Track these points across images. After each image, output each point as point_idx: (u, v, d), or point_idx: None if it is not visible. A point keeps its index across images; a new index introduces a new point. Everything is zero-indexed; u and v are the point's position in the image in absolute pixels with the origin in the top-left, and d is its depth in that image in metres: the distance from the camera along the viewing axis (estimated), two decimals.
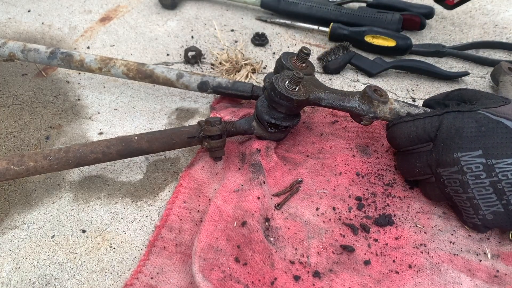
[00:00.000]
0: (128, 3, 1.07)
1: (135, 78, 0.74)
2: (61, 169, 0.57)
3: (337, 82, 0.84)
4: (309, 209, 0.60)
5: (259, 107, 0.63)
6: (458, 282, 0.51)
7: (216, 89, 0.73)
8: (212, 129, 0.61)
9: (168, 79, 0.73)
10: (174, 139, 0.61)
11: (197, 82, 0.73)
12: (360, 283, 0.52)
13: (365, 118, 0.61)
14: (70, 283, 0.53)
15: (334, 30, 0.91)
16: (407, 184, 0.63)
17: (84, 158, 0.58)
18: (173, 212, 0.59)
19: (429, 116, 0.55)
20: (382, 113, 0.60)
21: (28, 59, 0.77)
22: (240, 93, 0.72)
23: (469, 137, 0.51)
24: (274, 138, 0.67)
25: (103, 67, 0.75)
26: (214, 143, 0.62)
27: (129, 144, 0.60)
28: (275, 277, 0.51)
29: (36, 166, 0.56)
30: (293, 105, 0.58)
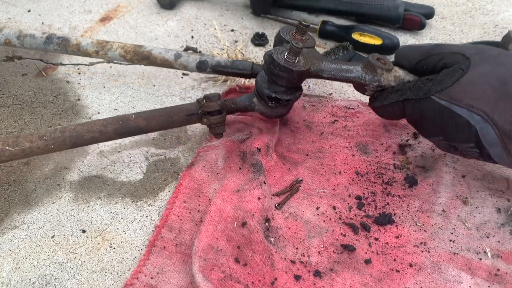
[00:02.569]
0: (128, 3, 1.07)
1: (133, 60, 0.73)
2: (57, 149, 0.56)
3: (337, 82, 0.84)
4: (310, 209, 0.60)
5: (259, 82, 0.61)
6: (459, 280, 0.51)
7: (215, 68, 0.71)
8: (211, 104, 0.59)
9: (166, 60, 0.72)
10: (173, 116, 0.60)
11: (195, 61, 0.72)
12: (361, 282, 0.52)
13: (369, 88, 0.59)
14: (70, 283, 0.53)
15: (322, 27, 0.92)
16: (406, 182, 0.63)
17: (81, 137, 0.57)
18: (173, 212, 0.59)
19: (394, 102, 0.57)
20: (387, 81, 0.58)
21: (24, 45, 0.76)
22: (240, 71, 0.71)
23: (429, 126, 0.54)
24: (276, 114, 0.65)
25: (100, 50, 0.73)
26: (213, 119, 0.60)
27: (126, 123, 0.58)
28: (275, 277, 0.51)
29: (32, 147, 0.55)
30: (293, 77, 0.57)
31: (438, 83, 0.52)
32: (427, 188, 0.62)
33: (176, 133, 0.73)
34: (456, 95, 0.50)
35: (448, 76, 0.51)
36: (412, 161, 0.66)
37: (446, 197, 0.61)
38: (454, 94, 0.50)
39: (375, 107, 0.60)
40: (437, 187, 0.62)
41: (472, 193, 0.61)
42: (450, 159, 0.65)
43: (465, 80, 0.50)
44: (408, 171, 0.65)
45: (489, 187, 0.62)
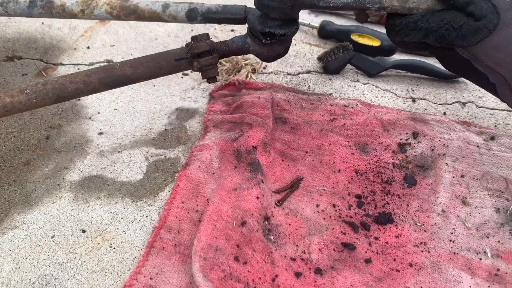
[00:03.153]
0: None
1: (120, 16, 0.70)
2: (41, 104, 0.53)
3: (337, 82, 0.84)
4: (310, 206, 0.60)
5: (251, 19, 0.57)
6: (459, 280, 0.51)
7: (206, 15, 0.67)
8: (199, 45, 0.56)
9: (154, 12, 0.68)
10: (160, 62, 0.56)
11: (184, 10, 0.67)
12: (362, 281, 0.52)
13: (371, 12, 0.55)
14: (70, 283, 0.53)
15: (322, 28, 0.92)
16: (405, 182, 0.63)
17: (64, 89, 0.54)
18: (171, 212, 0.59)
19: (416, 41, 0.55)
20: (389, 2, 0.54)
21: (8, 12, 0.73)
22: (233, 16, 0.66)
23: (451, 67, 0.56)
24: (273, 53, 0.60)
25: (86, 9, 0.70)
26: (203, 61, 0.56)
27: (111, 71, 0.55)
28: (276, 274, 0.51)
29: (13, 102, 0.52)
30: (286, 5, 0.53)
31: (462, 38, 0.49)
32: (427, 187, 0.62)
33: (176, 133, 0.73)
34: (479, 55, 0.49)
35: (473, 32, 0.49)
36: (412, 160, 0.66)
37: (446, 197, 0.61)
38: (476, 53, 0.49)
39: (395, 41, 0.57)
40: (436, 186, 0.62)
41: (471, 193, 0.61)
42: (450, 158, 0.65)
43: (490, 42, 0.48)
44: (408, 171, 0.65)
45: (488, 187, 0.62)
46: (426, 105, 0.78)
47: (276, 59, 0.63)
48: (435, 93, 0.81)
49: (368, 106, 0.76)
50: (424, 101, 0.79)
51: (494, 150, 0.66)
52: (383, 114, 0.73)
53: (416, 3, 0.55)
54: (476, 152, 0.66)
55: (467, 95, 0.79)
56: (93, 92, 0.55)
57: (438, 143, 0.67)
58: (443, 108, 0.77)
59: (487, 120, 0.74)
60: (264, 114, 0.71)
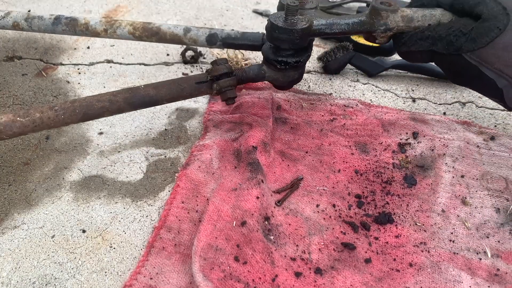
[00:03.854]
0: (128, 3, 1.07)
1: (142, 37, 0.72)
2: (68, 120, 0.56)
3: (337, 82, 0.84)
4: (310, 206, 0.60)
5: (265, 49, 0.61)
6: (459, 280, 0.51)
7: (225, 41, 0.70)
8: (219, 67, 0.60)
9: (175, 35, 0.71)
10: (182, 84, 0.60)
11: (205, 35, 0.70)
12: (362, 281, 0.52)
13: (378, 34, 0.57)
14: (70, 283, 0.53)
15: None
16: (405, 182, 0.63)
17: (91, 107, 0.56)
18: (171, 212, 0.59)
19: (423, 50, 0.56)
20: (395, 23, 0.56)
21: (32, 27, 0.76)
22: (250, 42, 0.69)
23: (456, 77, 0.56)
24: (288, 79, 0.64)
25: (109, 28, 0.73)
26: (222, 83, 0.60)
27: (136, 92, 0.58)
28: (276, 274, 0.51)
29: (42, 117, 0.54)
30: (294, 37, 0.56)
31: (472, 41, 0.50)
32: (426, 187, 0.62)
33: (176, 133, 0.73)
34: (488, 57, 0.49)
35: (482, 34, 0.49)
36: (412, 160, 0.66)
37: (446, 197, 0.61)
38: (486, 56, 0.49)
39: (401, 51, 0.58)
40: (436, 186, 0.62)
41: (471, 193, 0.61)
42: (450, 158, 0.65)
43: (500, 42, 0.48)
44: (407, 171, 0.65)
45: (488, 187, 0.62)
46: (426, 105, 0.78)
47: (291, 85, 0.66)
48: (435, 93, 0.81)
49: (368, 106, 0.76)
50: (424, 101, 0.79)
51: (494, 150, 0.67)
52: (383, 114, 0.73)
53: (421, 22, 0.56)
54: (476, 152, 0.66)
55: (467, 95, 0.79)
56: (118, 112, 0.58)
57: (438, 143, 0.67)
58: (443, 108, 0.77)
59: (487, 120, 0.75)
60: (264, 114, 0.71)
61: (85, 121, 0.58)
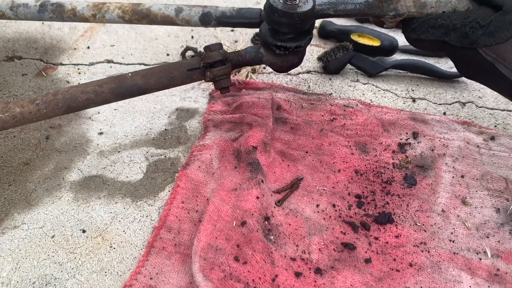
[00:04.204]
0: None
1: (132, 20, 0.68)
2: (51, 114, 0.52)
3: (337, 82, 0.84)
4: (310, 206, 0.60)
5: (263, 30, 0.56)
6: (459, 280, 0.51)
7: (220, 19, 0.65)
8: (212, 54, 0.55)
9: (166, 16, 0.67)
10: (173, 72, 0.56)
11: (198, 14, 0.66)
12: (362, 281, 0.52)
13: (386, 19, 0.53)
14: (70, 283, 0.53)
15: (322, 27, 0.92)
16: (405, 182, 0.63)
17: (75, 99, 0.53)
18: (171, 212, 0.59)
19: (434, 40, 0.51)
20: (406, 8, 0.51)
21: (19, 16, 0.73)
22: (247, 20, 0.64)
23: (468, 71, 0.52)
24: (287, 64, 0.59)
25: (97, 13, 0.69)
26: (216, 71, 0.56)
27: (122, 81, 0.54)
28: (276, 274, 0.51)
29: (23, 112, 0.51)
30: (295, 21, 0.52)
31: (489, 35, 0.46)
32: (426, 187, 0.62)
33: (176, 133, 0.73)
34: (506, 54, 0.46)
35: (502, 28, 0.45)
36: (412, 160, 0.66)
37: (446, 197, 0.61)
38: (503, 52, 0.46)
39: (410, 38, 0.54)
40: (436, 186, 0.62)
41: (471, 193, 0.61)
42: (450, 158, 0.65)
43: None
44: (407, 171, 0.65)
45: (488, 187, 0.62)
46: (426, 105, 0.78)
47: (290, 69, 0.62)
48: (435, 93, 0.81)
49: (368, 106, 0.76)
50: (424, 101, 0.79)
51: (494, 150, 0.67)
52: (383, 114, 0.73)
53: (435, 8, 0.51)
54: (476, 152, 0.66)
55: (467, 95, 0.79)
56: (104, 103, 0.55)
57: (438, 143, 0.67)
58: (443, 108, 0.77)
59: (487, 120, 0.74)
60: (264, 114, 0.71)
61: (69, 113, 0.54)
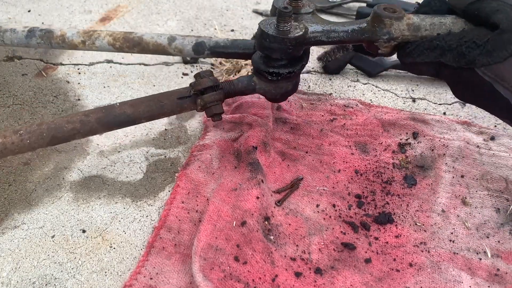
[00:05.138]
0: (128, 3, 1.07)
1: (122, 48, 0.67)
2: (34, 145, 0.50)
3: (337, 82, 0.84)
4: (310, 206, 0.60)
5: (255, 58, 0.55)
6: (459, 280, 0.51)
7: (214, 50, 0.64)
8: (202, 81, 0.54)
9: (159, 45, 0.66)
10: (162, 101, 0.54)
11: (191, 44, 0.65)
12: (362, 281, 0.52)
13: (380, 43, 0.52)
14: (70, 283, 0.53)
15: None
16: (405, 182, 0.63)
17: (60, 129, 0.50)
18: (171, 212, 0.59)
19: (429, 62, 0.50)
20: (399, 32, 0.50)
21: (5, 41, 0.71)
22: (242, 51, 0.63)
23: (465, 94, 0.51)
24: (281, 91, 0.58)
25: (87, 39, 0.68)
26: (207, 97, 0.54)
27: (110, 111, 0.52)
28: (276, 274, 0.51)
29: (5, 142, 0.49)
30: (287, 46, 0.51)
31: (487, 55, 0.44)
32: (426, 187, 0.62)
33: (176, 133, 0.73)
34: (505, 74, 0.44)
35: (500, 47, 0.44)
36: (412, 160, 0.66)
37: (446, 197, 0.61)
38: (502, 72, 0.44)
39: (405, 62, 0.53)
40: (436, 186, 0.62)
41: (471, 193, 0.61)
42: (449, 158, 0.65)
43: None
44: (407, 171, 0.65)
45: (488, 187, 0.62)
46: (426, 105, 0.78)
47: (284, 97, 0.60)
48: (435, 93, 0.81)
49: (368, 106, 0.76)
50: (424, 101, 0.79)
51: (494, 150, 0.67)
52: (383, 114, 0.73)
53: (429, 31, 0.50)
54: (476, 152, 0.66)
55: None
56: (90, 134, 0.53)
57: (438, 143, 0.67)
58: (443, 108, 0.77)
59: (487, 120, 0.74)
60: (264, 114, 0.71)
61: (54, 145, 0.53)
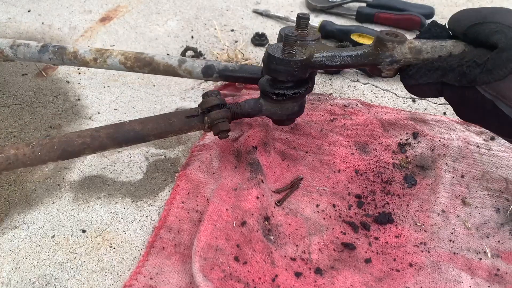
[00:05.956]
0: (128, 3, 1.07)
1: (133, 67, 0.70)
2: (45, 157, 0.53)
3: (337, 82, 0.84)
4: (310, 206, 0.60)
5: (262, 82, 0.59)
6: (459, 280, 0.51)
7: (222, 73, 0.68)
8: (210, 99, 0.57)
9: (169, 66, 0.69)
10: (171, 119, 0.57)
11: (201, 66, 0.68)
12: (362, 281, 0.52)
13: (383, 66, 0.54)
14: (70, 283, 0.53)
15: (322, 27, 0.92)
16: (405, 182, 0.63)
17: (71, 143, 0.53)
18: (171, 212, 0.59)
19: (432, 82, 0.51)
20: (401, 55, 0.53)
21: (18, 55, 0.73)
22: (249, 75, 0.67)
23: (468, 113, 0.51)
24: (287, 112, 0.61)
25: (99, 57, 0.70)
26: (214, 114, 0.56)
27: (120, 127, 0.55)
28: (276, 274, 0.51)
29: (17, 154, 0.52)
30: (293, 69, 0.54)
31: (487, 73, 0.45)
32: (427, 187, 0.62)
33: None
34: (505, 91, 0.45)
35: (499, 65, 0.45)
36: (412, 160, 0.66)
37: (446, 197, 0.61)
38: (503, 90, 0.45)
39: (409, 85, 0.54)
40: (436, 187, 0.62)
41: (471, 193, 0.61)
42: (450, 158, 0.65)
43: None
44: (407, 171, 0.65)
45: (488, 187, 0.62)
46: (426, 105, 0.78)
47: (291, 119, 0.63)
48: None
49: (368, 106, 0.76)
50: (424, 101, 0.79)
51: (494, 150, 0.67)
52: (383, 114, 0.73)
53: (431, 54, 0.52)
54: (476, 152, 0.66)
55: None
56: (100, 149, 0.55)
57: (438, 143, 0.67)
58: (443, 108, 0.77)
59: None
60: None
61: (64, 159, 0.55)
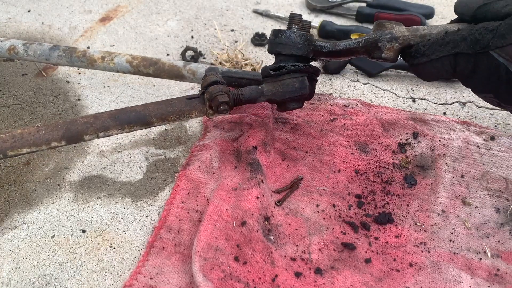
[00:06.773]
0: (128, 3, 1.07)
1: (139, 67, 0.72)
2: (49, 137, 0.55)
3: (337, 82, 0.84)
4: (310, 206, 0.60)
5: (263, 68, 0.60)
6: (459, 280, 0.51)
7: (226, 74, 0.69)
8: (207, 78, 0.59)
9: (174, 66, 0.71)
10: (172, 100, 0.59)
11: (204, 67, 0.71)
12: (362, 281, 0.52)
13: (383, 44, 0.55)
14: (70, 283, 0.53)
15: (322, 27, 0.92)
16: (405, 182, 0.63)
17: (74, 122, 0.56)
18: (171, 212, 0.59)
19: (445, 56, 0.50)
20: (400, 32, 0.54)
21: (28, 51, 0.76)
22: (251, 77, 0.69)
23: (482, 83, 0.50)
24: (287, 88, 0.60)
25: (106, 56, 0.73)
26: (212, 88, 0.57)
27: (122, 109, 0.58)
28: (276, 274, 0.51)
29: (23, 133, 0.55)
30: (297, 42, 0.57)
31: (500, 37, 0.45)
32: (426, 187, 0.62)
33: (176, 133, 0.73)
34: None
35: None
36: (412, 160, 0.66)
37: (446, 197, 0.61)
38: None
39: (421, 63, 0.53)
40: (436, 186, 0.62)
41: (471, 193, 0.61)
42: (450, 158, 0.65)
43: None
44: (407, 171, 0.65)
45: (488, 187, 0.62)
46: (426, 105, 0.78)
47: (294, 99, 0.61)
48: (435, 93, 0.81)
49: (368, 106, 0.76)
50: (424, 101, 0.79)
51: (494, 150, 0.67)
52: (383, 114, 0.73)
53: (427, 30, 0.55)
54: (476, 152, 0.66)
55: (467, 95, 0.79)
56: (103, 129, 0.56)
57: (438, 143, 0.67)
58: (443, 108, 0.77)
59: (487, 120, 0.74)
60: (264, 114, 0.71)
61: (68, 140, 0.56)
